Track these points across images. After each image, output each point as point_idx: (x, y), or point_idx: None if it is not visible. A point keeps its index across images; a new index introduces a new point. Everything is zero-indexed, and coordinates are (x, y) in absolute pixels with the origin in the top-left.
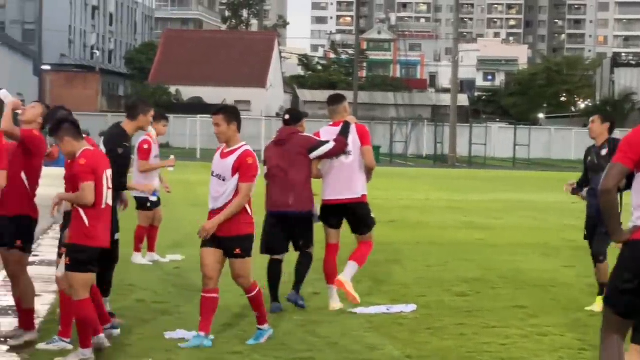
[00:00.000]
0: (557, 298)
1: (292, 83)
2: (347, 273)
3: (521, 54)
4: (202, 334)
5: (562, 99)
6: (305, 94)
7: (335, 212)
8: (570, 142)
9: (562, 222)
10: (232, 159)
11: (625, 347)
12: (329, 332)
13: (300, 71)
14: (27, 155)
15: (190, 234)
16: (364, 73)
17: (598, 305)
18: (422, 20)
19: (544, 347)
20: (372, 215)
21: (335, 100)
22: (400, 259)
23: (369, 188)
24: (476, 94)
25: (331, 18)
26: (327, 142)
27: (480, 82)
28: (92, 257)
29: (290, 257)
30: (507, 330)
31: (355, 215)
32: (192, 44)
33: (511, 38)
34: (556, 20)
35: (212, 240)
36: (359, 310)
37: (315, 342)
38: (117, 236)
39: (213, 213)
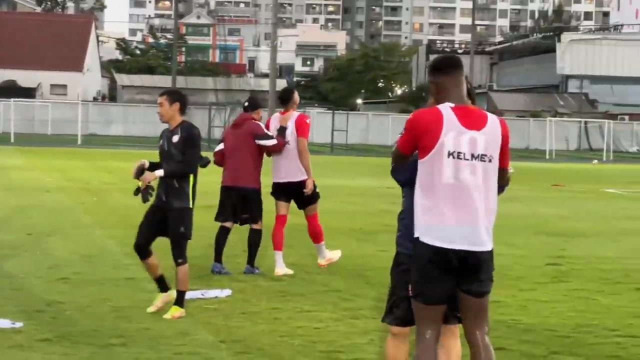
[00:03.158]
0: (371, 282)
1: (109, 67)
2: (322, 255)
3: (340, 40)
4: None
5: (380, 85)
6: (123, 79)
7: (284, 191)
8: (387, 127)
9: (378, 207)
10: None
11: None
12: (142, 318)
13: (118, 55)
14: None
15: (2, 218)
16: (182, 58)
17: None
18: (242, 5)
19: (356, 330)
20: (317, 190)
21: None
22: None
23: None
24: (295, 79)
25: (150, 2)
26: (272, 137)
27: (299, 67)
28: None
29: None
30: (320, 314)
31: (298, 193)
32: (4, 26)
33: (330, 24)
34: (373, 7)
35: None
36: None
37: (127, 328)
38: None
39: None
